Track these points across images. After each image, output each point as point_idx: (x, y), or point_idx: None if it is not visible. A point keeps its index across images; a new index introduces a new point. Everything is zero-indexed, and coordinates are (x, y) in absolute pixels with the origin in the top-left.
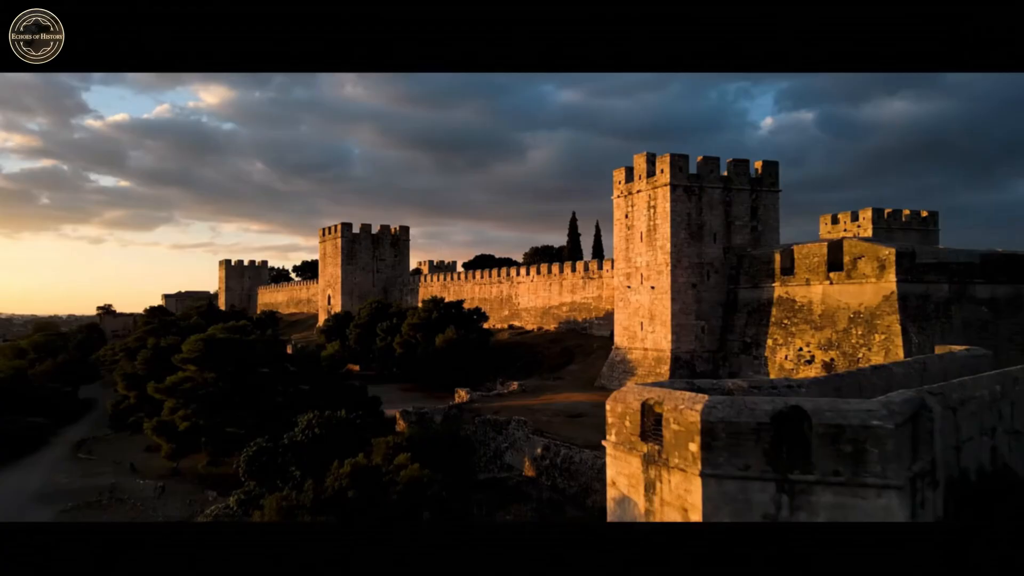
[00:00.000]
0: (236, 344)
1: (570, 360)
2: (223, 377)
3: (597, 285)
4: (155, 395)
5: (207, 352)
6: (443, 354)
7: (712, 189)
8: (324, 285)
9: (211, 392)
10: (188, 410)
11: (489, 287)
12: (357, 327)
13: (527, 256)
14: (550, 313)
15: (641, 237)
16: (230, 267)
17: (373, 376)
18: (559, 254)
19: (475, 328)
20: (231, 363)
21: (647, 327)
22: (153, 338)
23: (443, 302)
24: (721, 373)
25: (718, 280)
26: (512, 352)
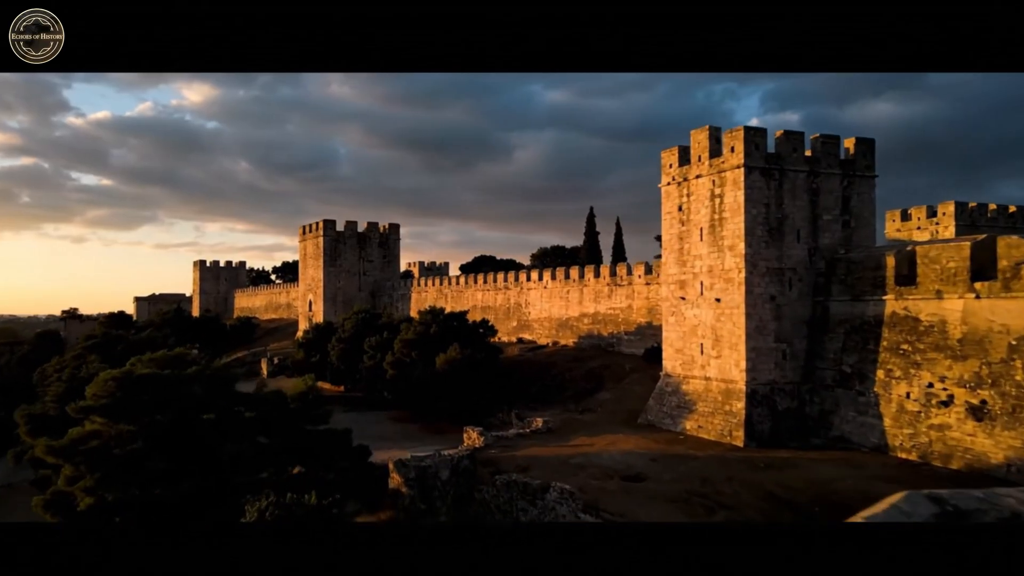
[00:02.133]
0: (164, 383)
1: (599, 385)
2: (145, 430)
3: (626, 293)
4: (47, 457)
5: (123, 396)
6: (445, 378)
7: (795, 173)
8: (304, 289)
9: (127, 453)
10: (93, 478)
11: (494, 294)
12: (340, 342)
13: (535, 258)
14: (568, 325)
15: (701, 235)
16: (204, 268)
17: (359, 399)
18: (572, 256)
19: (483, 345)
20: (158, 410)
21: (710, 350)
22: (96, 356)
23: (443, 313)
24: (809, 411)
25: (802, 291)
26: (525, 373)
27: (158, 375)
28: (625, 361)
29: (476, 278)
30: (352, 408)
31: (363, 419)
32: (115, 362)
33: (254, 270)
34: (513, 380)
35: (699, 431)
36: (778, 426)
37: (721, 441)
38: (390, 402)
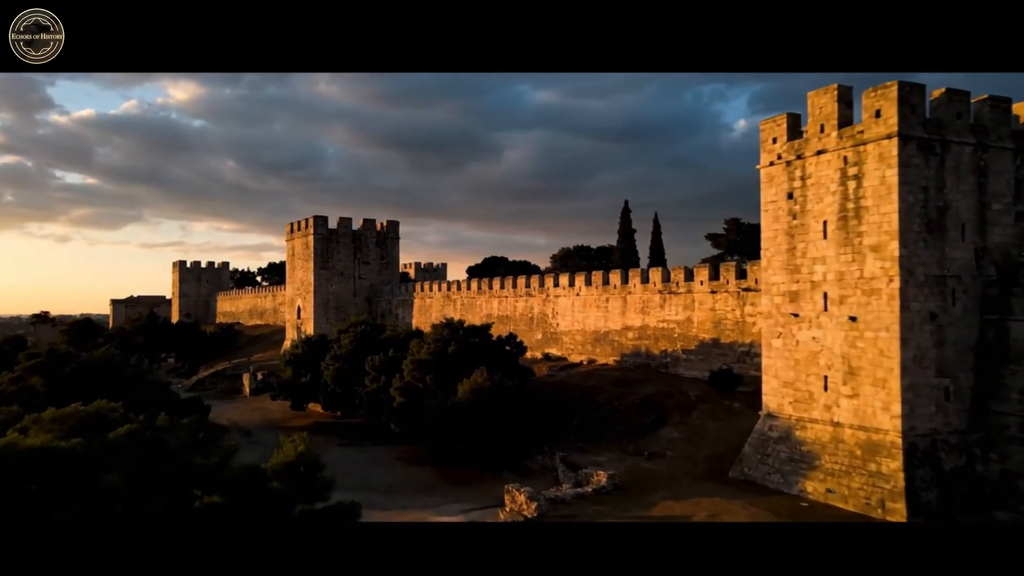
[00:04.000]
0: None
1: (660, 419)
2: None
3: (683, 303)
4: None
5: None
6: (468, 410)
7: (960, 147)
8: (292, 294)
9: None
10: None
11: (513, 302)
12: (337, 360)
13: (556, 260)
14: (607, 340)
15: (825, 231)
16: (185, 269)
17: (358, 429)
18: (600, 257)
19: (513, 368)
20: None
21: (839, 385)
22: (40, 378)
23: (462, 327)
24: (984, 472)
25: (967, 306)
26: (561, 399)
27: (56, 451)
28: (686, 386)
29: (491, 283)
30: (350, 441)
31: (363, 458)
32: (62, 388)
33: (238, 271)
34: (548, 409)
35: (829, 496)
36: (947, 493)
37: (868, 514)
38: (397, 436)
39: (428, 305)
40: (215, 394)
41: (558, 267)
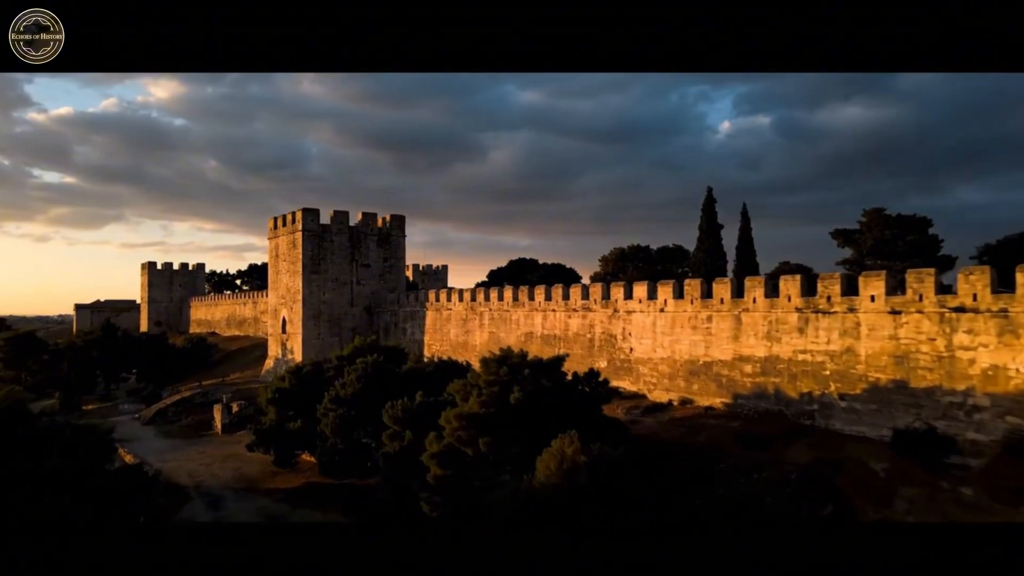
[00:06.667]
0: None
1: (838, 512)
2: None
3: (840, 326)
4: None
5: None
6: (552, 498)
7: None
8: (276, 302)
9: None
10: None
11: (564, 317)
12: (339, 404)
13: (607, 263)
14: (710, 374)
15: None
16: (155, 271)
17: (370, 494)
18: (666, 260)
19: (600, 423)
20: None
21: None
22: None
23: (524, 363)
24: None
25: None
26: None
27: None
28: (857, 451)
29: (532, 292)
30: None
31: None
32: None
33: (216, 274)
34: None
35: None
36: None
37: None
38: (434, 524)
39: (445, 319)
40: (178, 430)
41: (611, 273)
